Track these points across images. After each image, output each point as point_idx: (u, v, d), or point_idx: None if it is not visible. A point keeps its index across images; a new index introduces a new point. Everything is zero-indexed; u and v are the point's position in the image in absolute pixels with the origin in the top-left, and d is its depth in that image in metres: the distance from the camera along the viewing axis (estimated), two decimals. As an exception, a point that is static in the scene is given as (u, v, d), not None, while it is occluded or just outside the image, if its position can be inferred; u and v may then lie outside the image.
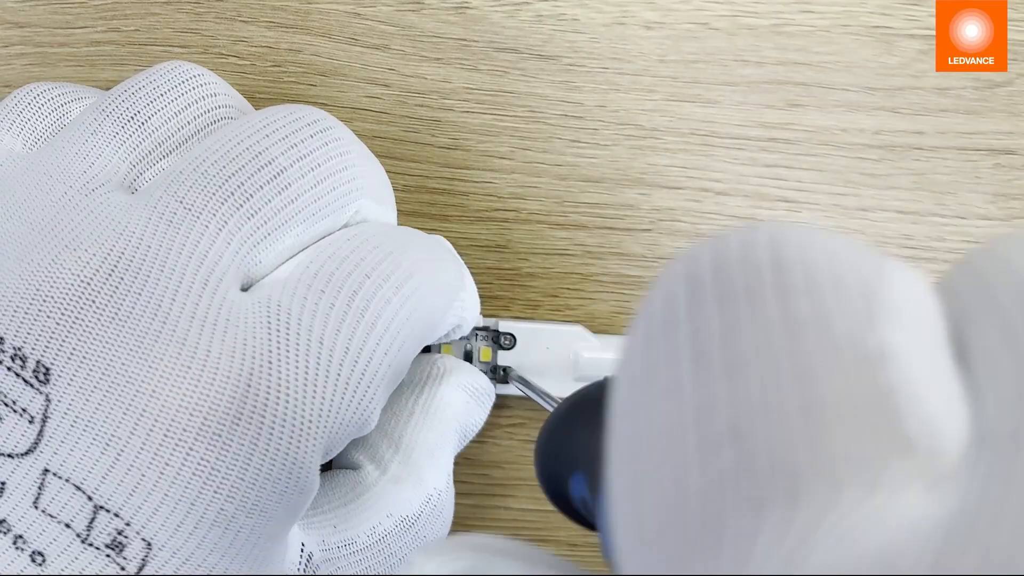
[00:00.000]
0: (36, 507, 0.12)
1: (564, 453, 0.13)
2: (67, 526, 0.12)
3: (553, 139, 0.22)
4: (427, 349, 0.20)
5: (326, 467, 0.18)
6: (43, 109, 0.16)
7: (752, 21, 0.22)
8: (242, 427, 0.13)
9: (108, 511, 0.13)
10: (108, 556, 0.12)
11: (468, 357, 0.20)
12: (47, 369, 0.13)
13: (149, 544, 0.13)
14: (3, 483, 0.12)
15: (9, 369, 0.13)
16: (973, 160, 0.22)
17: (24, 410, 0.13)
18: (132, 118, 0.15)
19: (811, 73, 0.22)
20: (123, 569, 0.12)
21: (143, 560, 0.13)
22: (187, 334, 0.13)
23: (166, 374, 0.13)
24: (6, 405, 0.13)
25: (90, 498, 0.13)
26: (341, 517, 0.16)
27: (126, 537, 0.13)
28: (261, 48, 0.22)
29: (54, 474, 0.13)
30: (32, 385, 0.13)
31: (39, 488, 0.12)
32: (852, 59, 0.22)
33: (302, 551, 0.15)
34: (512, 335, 0.20)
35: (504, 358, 0.20)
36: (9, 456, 0.13)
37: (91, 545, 0.12)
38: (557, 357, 0.20)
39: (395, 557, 0.17)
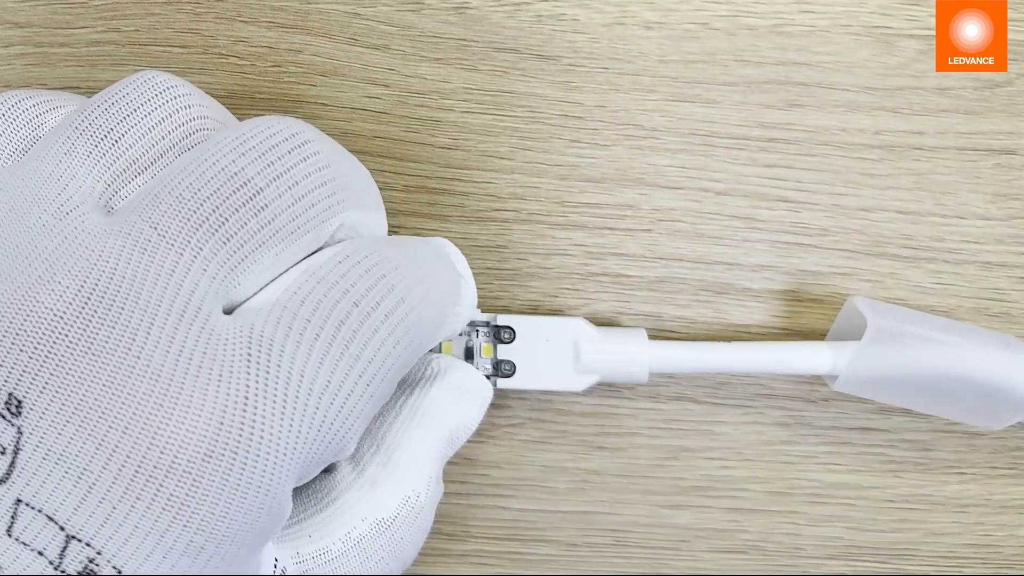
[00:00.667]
0: (10, 535, 0.13)
1: None
2: (40, 554, 0.13)
3: (553, 139, 0.22)
4: None
5: None
6: (17, 121, 0.16)
7: (752, 21, 0.22)
8: (213, 464, 0.13)
9: (80, 540, 0.13)
10: None
11: (469, 354, 0.20)
12: (19, 402, 0.13)
13: (119, 572, 0.13)
14: None
15: None
16: (973, 160, 0.22)
17: None
18: (105, 136, 0.15)
19: (811, 73, 0.22)
20: None
21: None
22: (161, 369, 0.13)
23: (139, 410, 0.13)
24: None
25: (62, 528, 0.13)
26: (316, 525, 0.16)
27: (97, 565, 0.13)
28: (261, 48, 0.22)
29: (27, 504, 0.13)
30: (4, 417, 0.13)
31: (12, 517, 0.13)
32: (852, 59, 0.22)
33: (275, 566, 0.15)
34: (512, 329, 0.20)
35: (504, 352, 0.20)
36: None
37: (64, 572, 0.13)
38: (557, 348, 0.20)
39: (371, 562, 0.16)
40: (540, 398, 0.22)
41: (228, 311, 0.15)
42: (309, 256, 0.16)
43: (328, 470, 0.17)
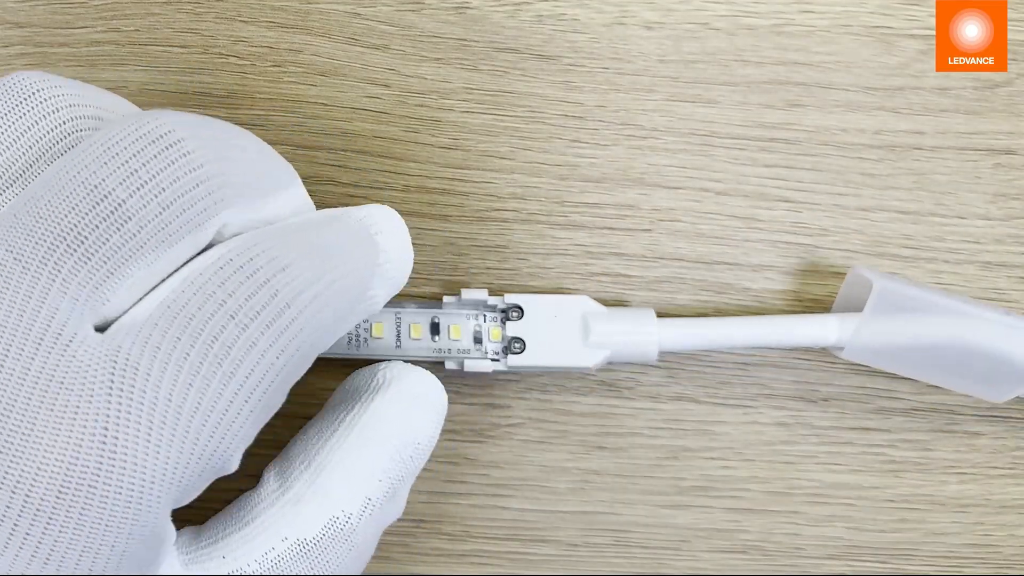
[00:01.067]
0: None
1: None
2: None
3: (553, 139, 0.22)
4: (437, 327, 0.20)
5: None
6: None
7: (752, 21, 0.22)
8: (68, 499, 0.13)
9: None
10: None
11: (478, 338, 0.20)
12: None
13: None
14: None
15: None
16: (973, 160, 0.22)
17: None
18: None
19: (811, 73, 0.22)
20: None
21: None
22: (13, 403, 0.13)
23: None
24: None
25: None
26: (232, 545, 0.16)
27: None
28: (261, 48, 0.22)
29: None
30: None
31: None
32: (852, 59, 0.22)
33: None
34: (519, 307, 0.20)
35: (513, 329, 0.20)
36: None
37: None
38: (566, 324, 0.20)
39: None
40: (540, 398, 0.22)
41: (103, 328, 0.14)
42: (193, 258, 0.15)
43: (253, 487, 0.17)
